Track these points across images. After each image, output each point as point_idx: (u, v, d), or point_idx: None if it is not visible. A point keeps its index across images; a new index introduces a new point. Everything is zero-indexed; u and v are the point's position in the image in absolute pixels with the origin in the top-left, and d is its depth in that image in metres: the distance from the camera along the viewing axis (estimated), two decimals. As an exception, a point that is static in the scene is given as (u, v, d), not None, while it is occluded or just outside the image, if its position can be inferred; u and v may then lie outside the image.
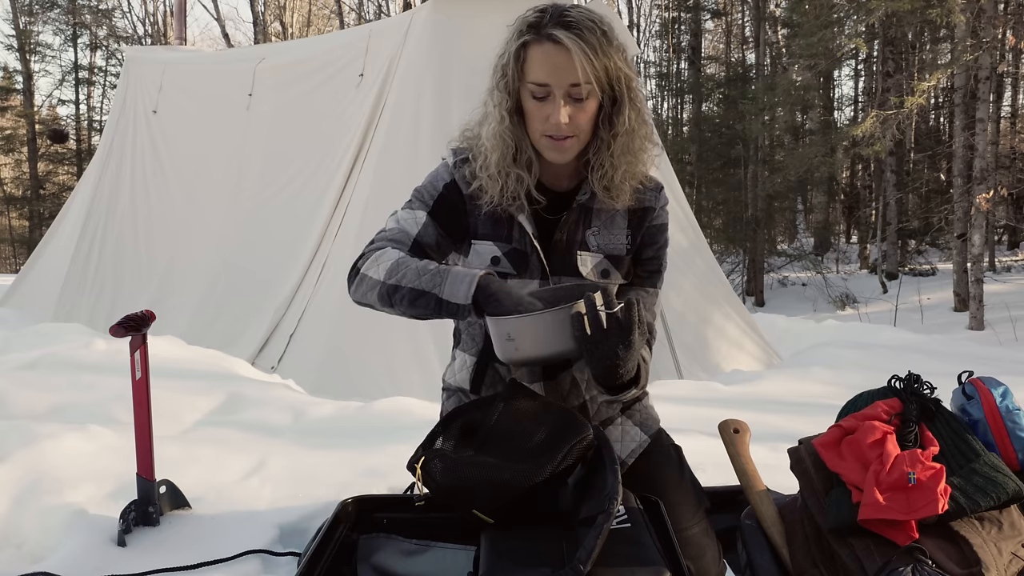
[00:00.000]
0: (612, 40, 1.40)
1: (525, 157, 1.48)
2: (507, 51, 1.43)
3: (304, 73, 5.77)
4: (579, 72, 1.35)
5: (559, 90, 1.38)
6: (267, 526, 2.09)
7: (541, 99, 1.40)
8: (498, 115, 1.45)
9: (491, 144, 1.47)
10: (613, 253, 1.53)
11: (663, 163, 5.70)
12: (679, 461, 1.64)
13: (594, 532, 1.12)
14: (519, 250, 1.51)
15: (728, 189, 18.24)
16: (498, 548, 1.21)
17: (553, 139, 1.42)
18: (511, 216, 1.51)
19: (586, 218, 1.52)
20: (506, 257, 1.52)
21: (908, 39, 16.16)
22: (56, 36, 24.57)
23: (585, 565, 1.08)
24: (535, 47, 1.39)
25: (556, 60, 1.37)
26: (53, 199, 21.77)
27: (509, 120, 1.45)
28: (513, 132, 1.45)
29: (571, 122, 1.40)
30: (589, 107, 1.41)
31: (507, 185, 1.48)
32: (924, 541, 1.33)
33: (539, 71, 1.38)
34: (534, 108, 1.41)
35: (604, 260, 1.52)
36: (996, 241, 16.86)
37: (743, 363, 5.33)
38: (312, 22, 26.95)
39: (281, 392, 3.45)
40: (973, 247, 10.45)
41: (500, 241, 1.52)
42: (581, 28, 1.37)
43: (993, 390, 1.53)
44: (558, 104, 1.38)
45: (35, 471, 2.29)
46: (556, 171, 1.52)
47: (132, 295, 6.09)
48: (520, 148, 1.47)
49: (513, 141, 1.46)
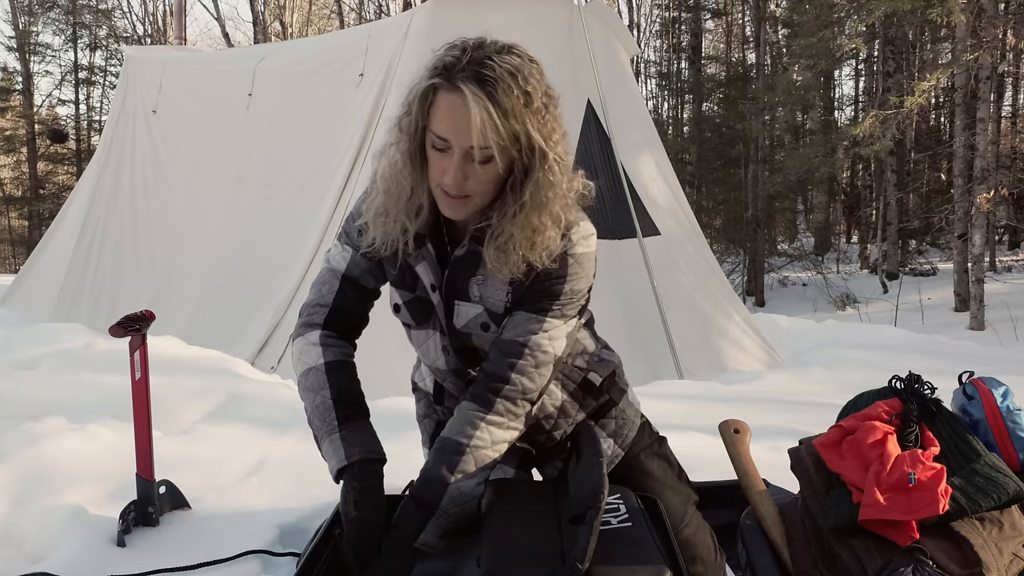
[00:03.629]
0: (532, 102, 1.26)
1: (416, 204, 1.36)
2: (415, 88, 1.30)
3: (304, 73, 5.77)
4: (477, 137, 1.23)
5: (459, 148, 1.26)
6: (267, 526, 2.08)
7: (441, 152, 1.28)
8: (395, 155, 1.34)
9: (381, 184, 1.38)
10: (493, 309, 1.41)
11: (663, 163, 5.70)
12: (664, 458, 1.62)
13: (585, 529, 1.12)
14: (422, 299, 1.45)
15: (728, 189, 18.23)
16: (499, 548, 1.21)
17: (448, 195, 1.30)
18: (409, 264, 1.43)
19: (472, 266, 1.40)
20: (406, 307, 1.47)
21: (908, 39, 16.15)
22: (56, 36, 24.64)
23: (582, 563, 1.08)
24: (443, 95, 1.26)
25: (459, 116, 1.24)
26: (53, 199, 21.75)
27: (404, 163, 1.33)
28: (410, 175, 1.34)
29: (469, 182, 1.28)
30: (490, 170, 1.28)
31: (389, 231, 1.38)
32: (925, 541, 1.32)
33: (441, 124, 1.26)
34: (434, 158, 1.30)
35: (484, 313, 1.41)
36: (997, 241, 16.85)
37: (743, 363, 5.33)
38: (312, 22, 26.94)
39: (281, 392, 3.44)
40: (974, 247, 10.45)
41: (404, 288, 1.46)
42: (495, 86, 1.22)
43: (994, 390, 1.53)
44: (455, 162, 1.26)
45: (35, 471, 2.28)
46: None
47: (132, 295, 6.08)
48: (414, 193, 1.35)
49: (409, 184, 1.34)
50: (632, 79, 6.09)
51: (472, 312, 1.41)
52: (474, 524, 1.32)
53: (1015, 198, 15.19)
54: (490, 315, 1.41)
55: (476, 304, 1.41)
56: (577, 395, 1.55)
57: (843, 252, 18.35)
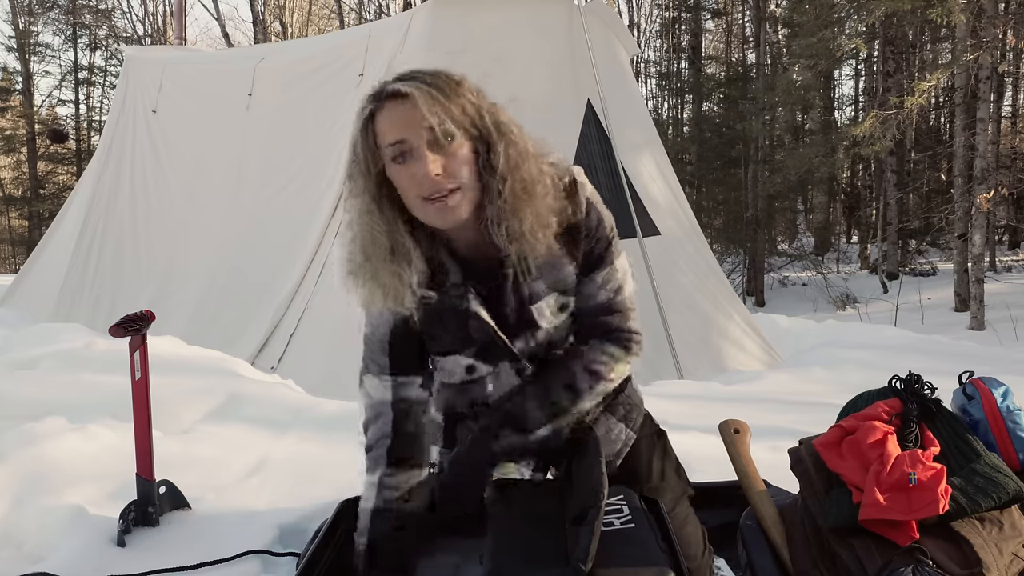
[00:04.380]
0: (462, 83, 1.29)
1: (403, 250, 1.32)
2: (354, 135, 1.30)
3: (304, 73, 5.77)
4: (430, 114, 1.22)
5: (417, 140, 1.24)
6: (267, 526, 2.08)
7: (404, 161, 1.25)
8: (360, 206, 1.31)
9: (355, 250, 1.34)
10: (565, 286, 1.42)
11: (663, 163, 5.70)
12: (663, 450, 1.62)
13: (587, 529, 1.12)
14: (485, 344, 1.41)
15: (728, 189, 18.23)
16: (502, 548, 1.21)
17: (432, 200, 1.25)
18: (465, 312, 1.38)
19: (525, 273, 1.38)
20: (477, 359, 1.44)
21: (908, 39, 16.15)
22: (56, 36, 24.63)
23: (585, 564, 1.08)
24: (380, 113, 1.27)
25: (404, 111, 1.24)
26: (53, 199, 21.74)
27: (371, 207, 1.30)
28: (383, 220, 1.30)
29: (445, 172, 1.25)
30: (460, 152, 1.26)
31: (387, 287, 1.34)
32: (925, 541, 1.32)
33: (390, 130, 1.25)
34: (401, 174, 1.26)
35: (558, 296, 1.41)
36: (997, 241, 16.85)
37: (743, 363, 5.33)
38: (312, 22, 26.94)
39: (281, 392, 3.44)
40: (974, 247, 10.45)
41: (465, 347, 1.43)
42: (422, 76, 1.27)
43: (994, 390, 1.54)
44: (423, 156, 1.24)
45: (35, 471, 2.29)
46: (473, 243, 1.37)
47: (132, 295, 6.08)
48: (395, 243, 1.32)
49: (384, 235, 1.31)
50: (632, 79, 6.09)
51: (549, 304, 1.41)
52: (478, 523, 1.32)
53: (1015, 198, 15.19)
54: (565, 293, 1.42)
55: (549, 295, 1.41)
56: None
57: (843, 252, 18.35)
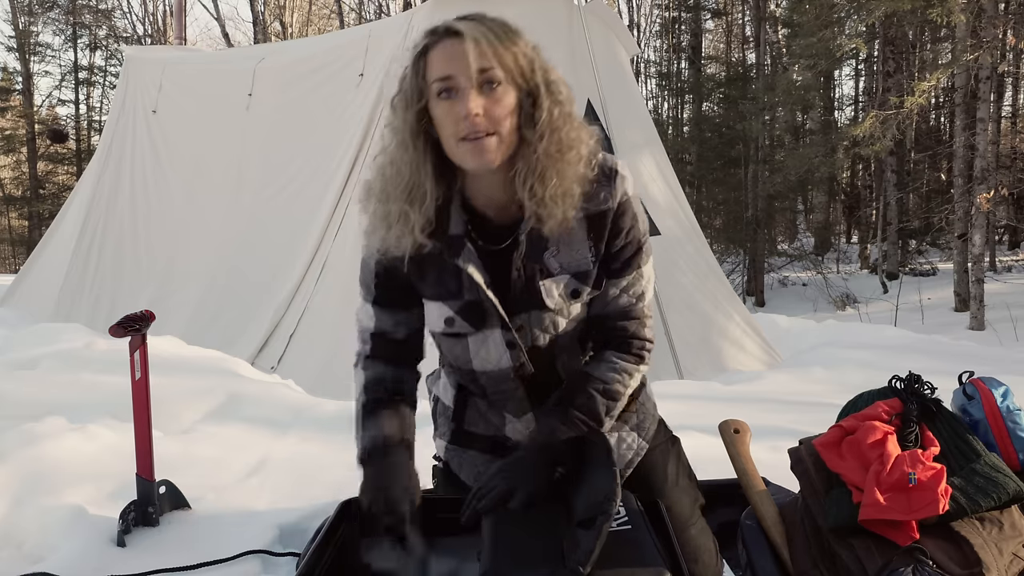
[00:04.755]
0: (520, 35, 1.31)
1: (420, 191, 1.32)
2: (405, 70, 1.31)
3: (304, 73, 5.77)
4: (479, 57, 1.23)
5: (465, 78, 1.24)
6: (267, 526, 2.08)
7: (448, 98, 1.26)
8: (396, 140, 1.32)
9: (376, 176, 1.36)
10: (580, 270, 1.39)
11: (663, 163, 5.70)
12: (676, 458, 1.60)
13: (592, 534, 1.12)
14: (473, 302, 1.39)
15: (728, 189, 18.23)
16: (500, 548, 1.21)
17: (470, 140, 1.25)
18: (457, 267, 1.37)
19: (541, 242, 1.37)
20: (459, 315, 1.41)
21: (908, 39, 16.15)
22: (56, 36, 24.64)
23: (584, 567, 1.08)
24: (433, 49, 1.27)
25: (457, 49, 1.25)
26: (53, 199, 21.75)
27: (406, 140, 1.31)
28: (413, 156, 1.31)
29: (485, 114, 1.24)
30: (505, 99, 1.26)
31: (392, 225, 1.34)
32: (925, 541, 1.32)
33: (440, 65, 1.26)
34: (443, 111, 1.26)
35: (571, 280, 1.39)
36: (997, 241, 16.85)
37: (743, 363, 5.33)
38: (312, 22, 26.93)
39: (281, 392, 3.44)
40: (974, 247, 10.45)
41: (450, 299, 1.40)
42: (481, 20, 1.28)
43: (994, 390, 1.54)
44: (467, 94, 1.24)
45: (35, 471, 2.29)
46: (496, 199, 1.37)
47: (132, 295, 6.08)
48: (415, 182, 1.32)
49: (408, 171, 1.31)
50: (632, 79, 6.08)
51: (560, 283, 1.39)
52: (475, 524, 1.32)
53: (1015, 198, 15.19)
54: (579, 278, 1.39)
55: (562, 275, 1.39)
56: None
57: (843, 252, 18.34)
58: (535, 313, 1.40)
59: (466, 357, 1.46)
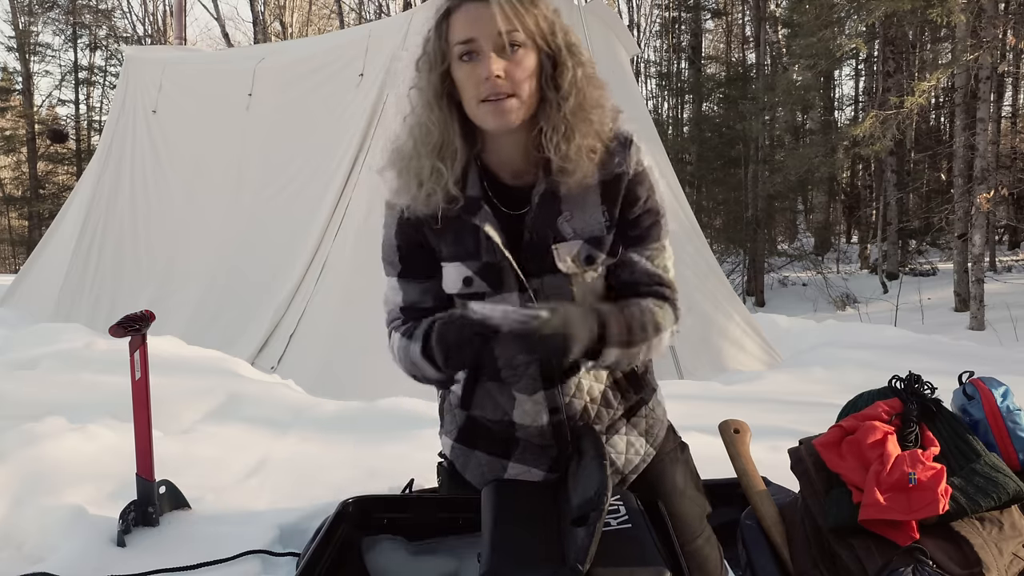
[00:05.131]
0: (546, 4, 1.33)
1: (451, 149, 1.35)
2: (428, 31, 1.34)
3: (304, 73, 5.77)
4: (503, 19, 1.26)
5: (487, 42, 1.27)
6: (267, 526, 2.08)
7: (470, 60, 1.29)
8: (422, 101, 1.36)
9: (406, 138, 1.38)
10: (593, 235, 1.39)
11: (663, 163, 5.71)
12: (685, 466, 1.58)
13: (587, 530, 1.12)
14: (491, 263, 1.39)
15: (728, 189, 18.25)
16: (499, 547, 1.21)
17: (490, 102, 1.28)
18: (475, 226, 1.38)
19: (554, 206, 1.38)
20: (478, 275, 1.40)
21: (908, 39, 16.16)
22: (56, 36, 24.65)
23: (583, 564, 1.08)
24: (456, 11, 1.30)
25: (480, 12, 1.27)
26: (53, 199, 21.76)
27: (432, 101, 1.34)
28: (438, 119, 1.34)
29: (507, 76, 1.28)
30: (526, 62, 1.29)
31: (424, 182, 1.36)
32: (925, 541, 1.32)
33: (462, 28, 1.29)
34: (465, 73, 1.30)
35: (584, 245, 1.38)
36: (997, 241, 16.86)
37: (744, 363, 5.33)
38: (312, 22, 26.94)
39: (281, 392, 3.44)
40: (974, 247, 10.45)
41: (468, 259, 1.41)
42: None
43: (994, 390, 1.53)
44: (488, 57, 1.27)
45: (35, 471, 2.29)
46: (513, 162, 1.39)
47: (132, 295, 6.08)
48: (445, 140, 1.35)
49: (437, 130, 1.34)
50: (632, 79, 6.09)
51: (573, 249, 1.38)
52: (475, 524, 1.32)
53: (1015, 198, 15.20)
54: (592, 243, 1.39)
55: (575, 240, 1.38)
56: (622, 384, 1.52)
57: (843, 252, 18.36)
58: (548, 278, 1.39)
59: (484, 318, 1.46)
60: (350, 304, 4.61)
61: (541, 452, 1.47)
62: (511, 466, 1.48)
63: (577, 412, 1.46)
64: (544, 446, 1.48)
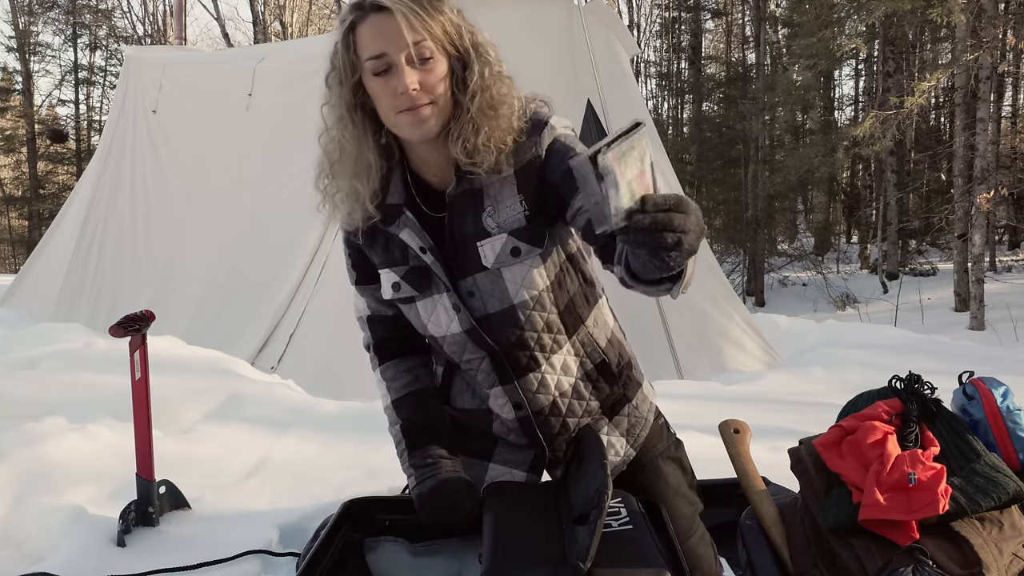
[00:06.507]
0: (443, 4, 1.32)
1: (365, 163, 1.37)
2: (335, 47, 1.34)
3: (304, 73, 5.75)
4: (410, 31, 1.26)
5: (398, 54, 1.27)
6: (267, 526, 2.09)
7: (383, 74, 1.29)
8: (334, 117, 1.38)
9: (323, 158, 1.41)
10: (515, 227, 1.37)
11: (663, 163, 5.71)
12: (679, 464, 1.58)
13: (588, 529, 1.12)
14: (417, 267, 1.42)
15: (728, 189, 18.25)
16: (500, 547, 1.21)
17: (408, 111, 1.29)
18: (393, 233, 1.41)
19: (476, 203, 1.38)
20: (404, 280, 1.44)
21: (908, 39, 16.15)
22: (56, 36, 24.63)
23: (584, 562, 1.08)
24: (362, 25, 1.30)
25: (386, 25, 1.27)
26: (53, 199, 21.76)
27: (345, 116, 1.36)
28: (354, 131, 1.36)
29: (422, 87, 1.28)
30: (437, 69, 1.30)
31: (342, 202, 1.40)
32: (925, 541, 1.32)
33: (371, 42, 1.29)
34: (379, 87, 1.30)
35: (509, 238, 1.37)
36: (997, 241, 16.85)
37: (744, 363, 5.33)
38: (312, 22, 26.93)
39: (281, 392, 3.45)
40: (974, 247, 10.45)
41: (395, 265, 1.44)
42: None
43: (994, 390, 1.53)
44: (401, 70, 1.27)
45: (35, 471, 2.29)
46: (434, 165, 1.40)
47: (132, 295, 6.08)
48: (359, 155, 1.36)
49: (352, 146, 1.36)
50: (632, 79, 6.08)
51: (499, 244, 1.38)
52: (476, 524, 1.32)
53: (1015, 198, 15.20)
54: (516, 235, 1.38)
55: (500, 234, 1.38)
56: (592, 376, 1.49)
57: (843, 252, 18.36)
58: (479, 276, 1.39)
59: (421, 323, 1.47)
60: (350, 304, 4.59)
61: (519, 452, 1.49)
62: (491, 467, 1.50)
63: (544, 407, 1.46)
64: (520, 445, 1.49)
